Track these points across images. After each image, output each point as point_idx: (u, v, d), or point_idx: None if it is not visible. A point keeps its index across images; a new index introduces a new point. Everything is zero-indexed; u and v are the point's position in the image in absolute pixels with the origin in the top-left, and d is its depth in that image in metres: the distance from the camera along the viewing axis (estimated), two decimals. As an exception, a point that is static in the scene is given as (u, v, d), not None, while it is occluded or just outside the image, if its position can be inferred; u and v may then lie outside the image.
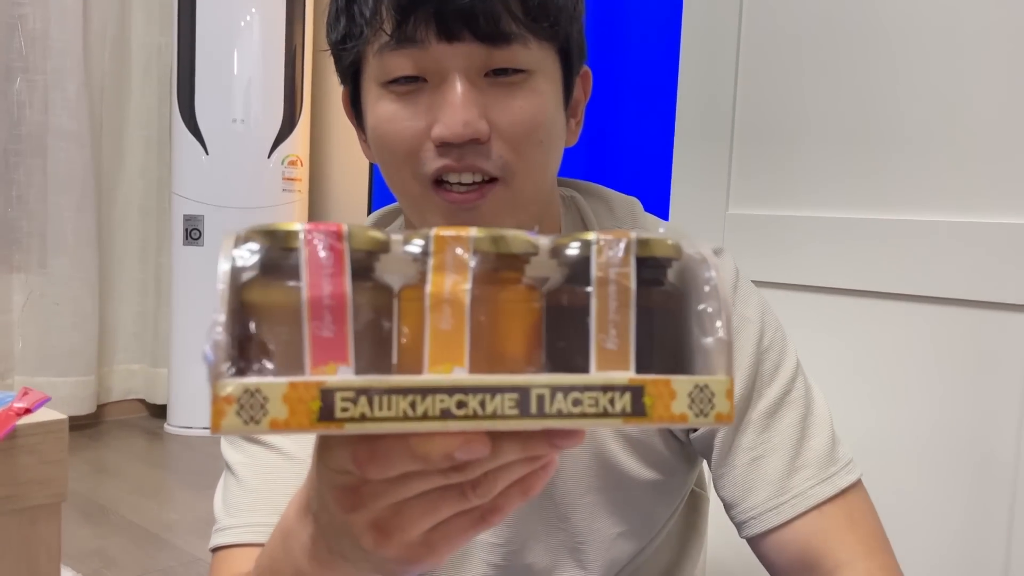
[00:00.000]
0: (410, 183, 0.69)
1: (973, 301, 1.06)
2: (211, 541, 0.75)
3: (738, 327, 0.77)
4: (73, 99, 3.29)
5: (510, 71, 0.67)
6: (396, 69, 0.67)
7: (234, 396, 0.36)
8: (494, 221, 0.68)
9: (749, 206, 1.29)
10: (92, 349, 3.41)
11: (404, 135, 0.67)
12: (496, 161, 0.67)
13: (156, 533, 2.35)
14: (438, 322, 0.38)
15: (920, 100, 1.11)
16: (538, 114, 0.68)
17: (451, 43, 0.65)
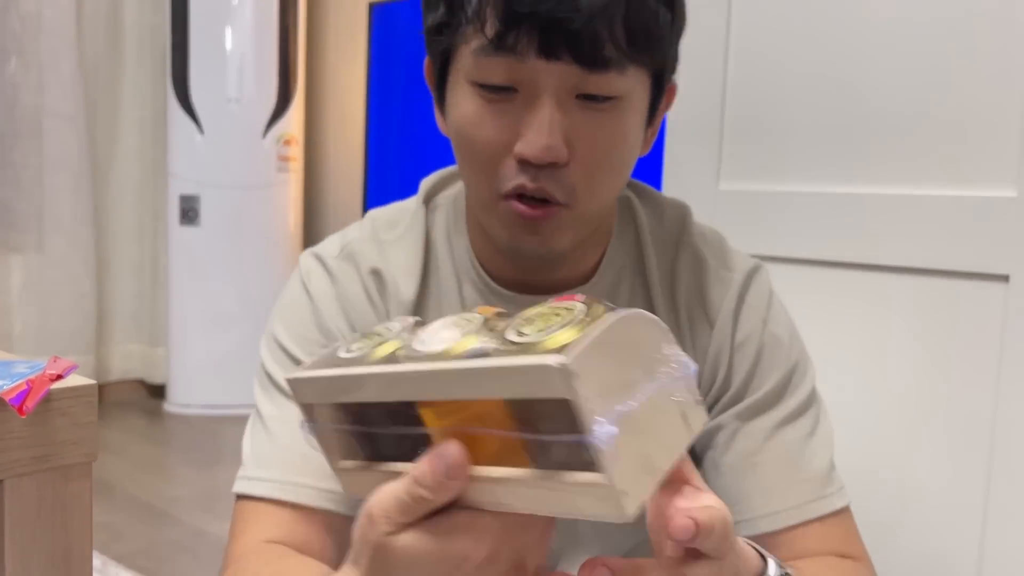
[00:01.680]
0: (484, 188, 0.70)
1: (952, 271, 1.10)
2: (237, 485, 0.76)
3: (771, 345, 0.80)
4: (67, 80, 3.29)
5: (600, 98, 0.66)
6: (490, 76, 0.66)
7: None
8: (554, 237, 0.70)
9: (739, 182, 1.33)
10: (90, 330, 3.44)
11: (488, 143, 0.68)
12: (567, 188, 0.67)
13: (162, 508, 2.39)
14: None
15: (902, 79, 1.14)
16: (619, 143, 0.69)
17: (549, 60, 0.64)
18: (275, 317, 0.83)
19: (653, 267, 0.81)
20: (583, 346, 0.38)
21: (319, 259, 0.82)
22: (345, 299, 0.80)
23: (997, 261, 1.06)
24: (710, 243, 0.84)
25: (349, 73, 3.61)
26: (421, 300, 0.80)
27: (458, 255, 0.81)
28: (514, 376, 0.39)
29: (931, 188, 1.12)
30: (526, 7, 0.62)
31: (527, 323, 0.43)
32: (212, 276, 3.39)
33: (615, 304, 0.77)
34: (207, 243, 3.38)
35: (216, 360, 3.39)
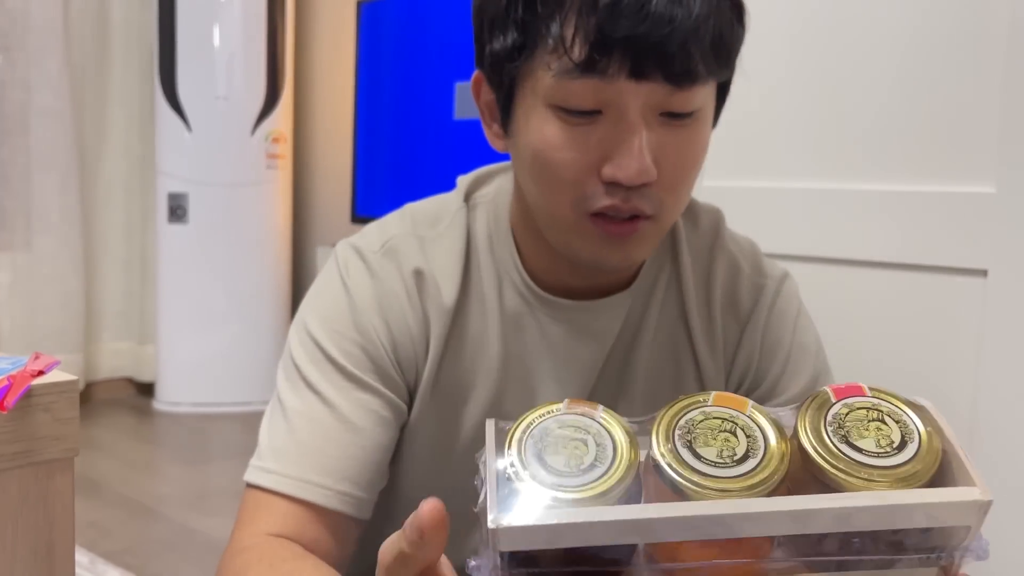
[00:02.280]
0: (566, 210, 0.69)
1: (932, 266, 1.11)
2: (249, 474, 0.75)
3: (798, 356, 0.82)
4: (55, 77, 3.29)
5: (682, 114, 0.66)
6: (576, 100, 0.65)
7: None
8: (638, 249, 0.71)
9: (723, 179, 1.34)
10: (78, 328, 3.43)
11: (572, 167, 0.67)
12: (654, 202, 0.68)
13: (149, 506, 2.39)
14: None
15: (883, 77, 1.15)
16: (698, 155, 0.70)
17: (640, 82, 0.64)
18: (309, 309, 0.81)
19: (688, 272, 0.82)
20: (978, 472, 0.40)
21: (359, 253, 0.81)
22: (384, 299, 0.78)
23: (976, 256, 1.08)
24: (744, 249, 0.86)
25: (337, 71, 3.62)
26: (461, 303, 0.79)
27: (499, 257, 0.80)
28: (921, 511, 0.40)
29: (911, 184, 1.13)
30: (620, 31, 0.62)
31: (853, 430, 0.42)
32: (201, 274, 3.39)
33: (648, 311, 0.79)
34: (196, 241, 3.38)
35: (205, 358, 3.39)
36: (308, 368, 0.77)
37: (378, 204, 3.34)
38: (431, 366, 0.78)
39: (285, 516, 0.73)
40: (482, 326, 0.79)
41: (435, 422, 0.80)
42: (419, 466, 0.81)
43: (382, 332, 0.77)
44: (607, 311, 0.79)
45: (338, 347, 0.77)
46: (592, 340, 0.79)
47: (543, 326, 0.79)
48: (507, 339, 0.79)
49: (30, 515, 0.59)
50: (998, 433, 1.07)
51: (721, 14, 0.65)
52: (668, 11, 0.61)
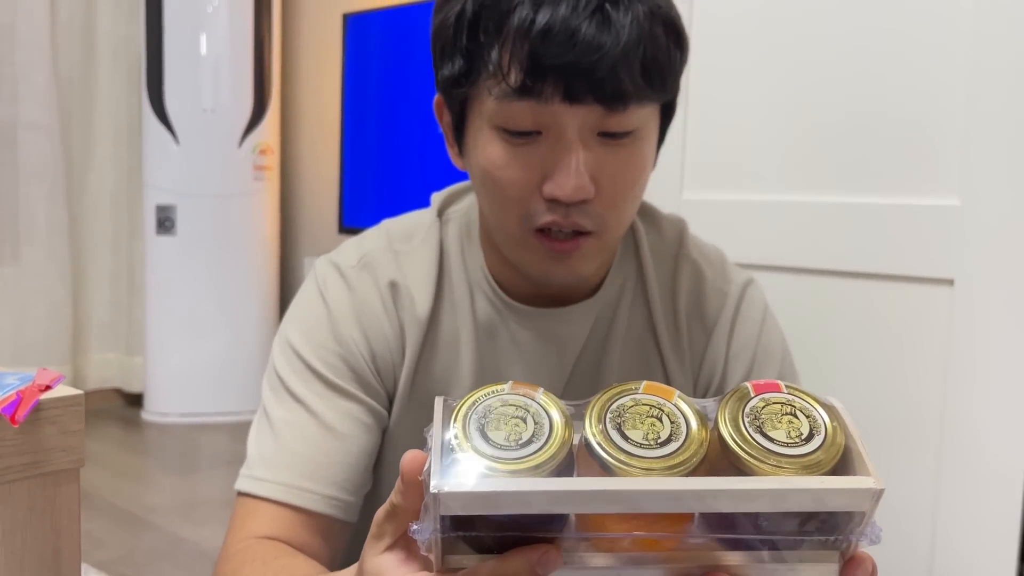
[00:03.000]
0: (512, 226, 0.73)
1: (901, 276, 1.15)
2: (240, 483, 0.79)
3: (763, 361, 0.85)
4: (42, 90, 3.30)
5: (620, 134, 0.70)
6: (515, 122, 0.69)
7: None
8: (582, 264, 0.74)
9: (701, 191, 1.38)
10: (66, 339, 3.44)
11: (515, 184, 0.70)
12: (594, 218, 0.71)
13: (140, 516, 2.41)
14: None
15: (852, 95, 1.20)
16: (638, 172, 0.73)
17: (573, 105, 0.67)
18: (290, 322, 0.85)
19: (653, 280, 0.85)
20: (873, 464, 0.44)
21: (337, 268, 0.84)
22: (361, 310, 0.82)
23: (942, 266, 1.12)
24: (708, 256, 0.89)
25: (324, 82, 3.64)
26: (435, 313, 0.83)
27: (471, 268, 0.84)
28: (824, 496, 0.43)
29: (880, 197, 1.17)
30: (552, 58, 0.65)
31: (767, 422, 0.46)
32: (189, 285, 3.40)
33: (616, 319, 0.82)
34: (183, 252, 3.39)
35: (193, 368, 3.41)
36: (291, 379, 0.81)
37: (365, 215, 3.37)
38: (408, 373, 0.82)
39: (276, 521, 0.76)
40: (455, 334, 0.83)
41: (413, 427, 0.83)
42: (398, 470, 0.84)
43: (360, 342, 0.81)
44: (573, 318, 0.83)
45: (319, 358, 0.80)
46: (560, 346, 0.83)
47: (513, 333, 0.83)
48: (480, 346, 0.83)
49: (38, 524, 0.62)
50: (966, 437, 1.11)
51: (654, 39, 0.68)
52: (596, 38, 0.65)
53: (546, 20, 0.65)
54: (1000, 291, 1.07)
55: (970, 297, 1.09)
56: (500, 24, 0.67)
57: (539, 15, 0.65)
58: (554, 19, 0.65)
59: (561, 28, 0.65)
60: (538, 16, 0.65)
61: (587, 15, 0.65)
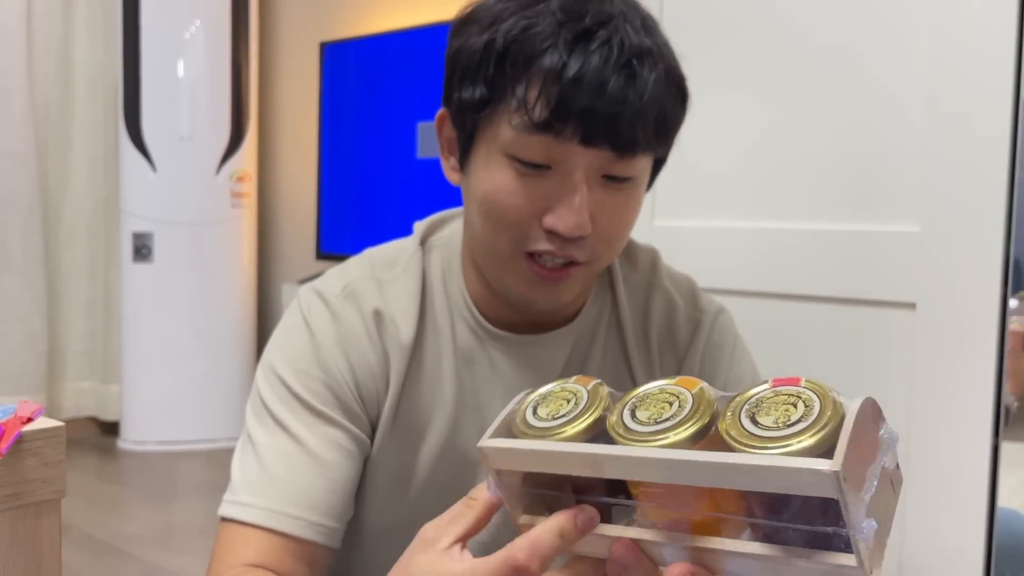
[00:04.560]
0: (504, 246, 0.76)
1: (864, 300, 1.19)
2: (225, 508, 0.79)
3: (734, 385, 0.87)
4: (18, 119, 3.30)
5: (622, 179, 0.74)
6: (530, 154, 0.72)
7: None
8: (567, 291, 0.78)
9: (671, 219, 1.41)
10: (41, 368, 3.42)
11: (518, 212, 0.74)
12: (587, 251, 0.75)
13: (117, 546, 2.39)
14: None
15: (815, 124, 1.23)
16: (631, 215, 0.78)
17: (588, 147, 0.71)
18: (274, 349, 0.86)
19: (626, 309, 0.88)
20: (845, 450, 0.44)
21: (321, 297, 0.86)
22: (346, 338, 0.83)
23: (904, 290, 1.15)
24: (680, 286, 0.92)
25: (302, 110, 3.67)
26: (419, 339, 0.85)
27: (452, 295, 0.86)
28: (781, 476, 0.45)
29: (843, 224, 1.21)
30: (579, 104, 0.69)
31: (758, 410, 0.49)
32: (166, 312, 3.40)
33: (592, 347, 0.85)
34: (161, 280, 3.39)
35: (170, 396, 3.39)
36: (276, 406, 0.82)
37: (342, 241, 3.38)
38: (391, 400, 0.83)
39: (261, 547, 0.77)
40: (437, 361, 0.85)
41: (395, 454, 0.85)
42: (381, 497, 0.86)
43: (345, 370, 0.83)
44: (550, 344, 0.85)
45: (304, 385, 0.82)
46: (537, 372, 0.85)
47: (493, 360, 0.85)
48: (460, 373, 0.85)
49: (20, 554, 0.63)
50: (930, 459, 1.14)
51: (667, 97, 0.73)
52: (623, 92, 0.69)
53: (578, 67, 0.69)
54: (961, 314, 1.11)
55: (932, 320, 1.13)
56: (530, 62, 0.71)
57: (571, 60, 0.70)
58: (586, 68, 0.69)
59: (592, 78, 0.69)
60: (571, 62, 0.70)
61: (616, 69, 0.70)
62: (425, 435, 0.85)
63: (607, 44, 0.70)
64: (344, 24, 3.43)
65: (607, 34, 0.70)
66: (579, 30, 0.70)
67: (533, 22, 0.71)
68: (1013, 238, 1.08)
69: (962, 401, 1.11)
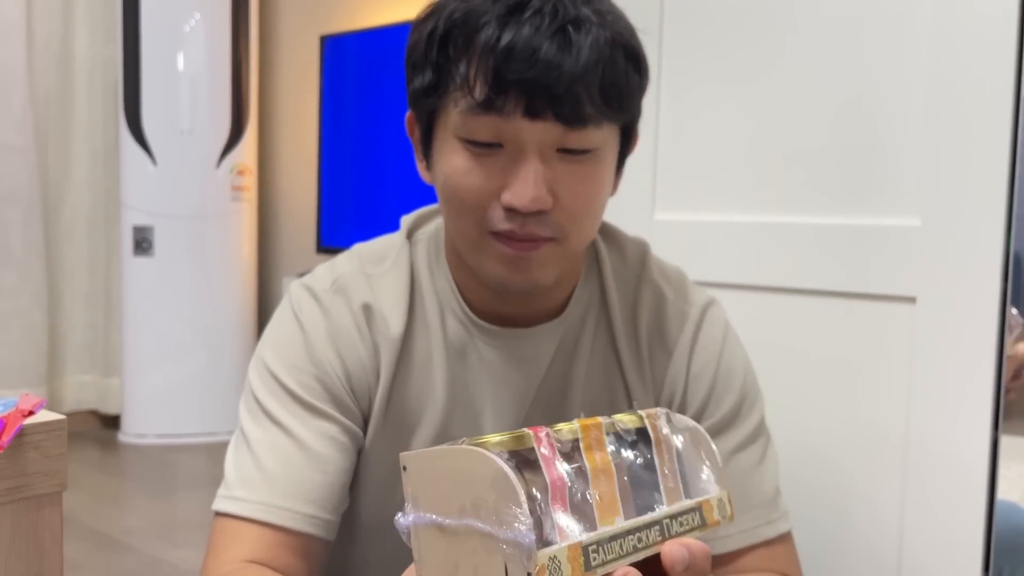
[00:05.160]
0: (471, 230, 0.76)
1: (865, 294, 1.19)
2: (219, 503, 0.80)
3: (724, 380, 0.87)
4: (18, 113, 3.30)
5: (578, 151, 0.73)
6: (478, 133, 0.73)
7: (545, 564, 0.48)
8: (541, 270, 0.77)
9: (672, 212, 1.41)
10: (42, 361, 3.43)
11: (475, 192, 0.74)
12: (553, 228, 0.75)
13: (117, 538, 2.40)
14: (598, 486, 0.53)
15: (817, 117, 1.23)
16: (596, 189, 0.76)
17: (533, 120, 0.71)
18: (266, 346, 0.86)
19: (615, 302, 0.88)
20: (424, 451, 0.50)
21: (311, 291, 0.86)
22: (336, 332, 0.84)
23: (904, 284, 1.15)
24: (670, 278, 0.91)
25: (302, 103, 3.66)
26: (408, 333, 0.85)
27: (440, 288, 0.86)
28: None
29: (844, 217, 1.21)
30: (514, 74, 0.70)
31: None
32: (166, 306, 3.40)
33: (580, 341, 0.85)
34: (161, 273, 3.39)
35: (171, 390, 3.40)
36: (268, 401, 0.82)
37: (343, 235, 3.38)
38: (382, 393, 0.84)
39: (257, 541, 0.77)
40: (428, 354, 0.85)
41: (388, 447, 0.85)
42: (374, 490, 0.86)
43: (336, 363, 0.83)
44: (538, 338, 0.85)
45: (295, 379, 0.82)
46: (526, 366, 0.85)
47: (482, 353, 0.85)
48: (452, 366, 0.85)
49: (21, 547, 0.64)
50: (930, 454, 1.14)
51: (613, 63, 0.72)
52: (556, 58, 0.69)
53: (510, 38, 0.70)
54: (961, 308, 1.11)
55: (932, 314, 1.12)
56: (469, 41, 0.72)
57: (504, 34, 0.70)
58: (517, 38, 0.69)
59: (524, 47, 0.69)
60: (503, 35, 0.70)
61: (549, 35, 0.70)
62: (417, 428, 0.85)
63: (539, 13, 0.70)
64: (344, 17, 3.42)
65: (540, 3, 0.70)
66: (512, 3, 0.71)
67: (472, 3, 0.72)
68: (1014, 232, 1.08)
69: (962, 395, 1.11)
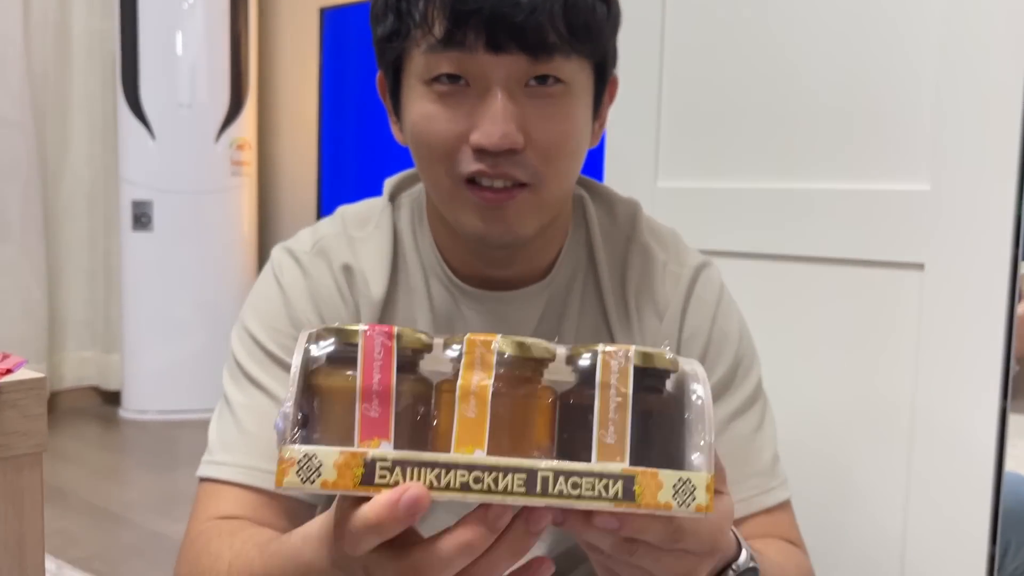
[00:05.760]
0: (443, 179, 0.74)
1: (872, 261, 1.16)
2: (202, 469, 0.79)
3: (718, 344, 0.84)
4: (15, 87, 3.27)
5: (550, 80, 0.70)
6: (439, 68, 0.70)
7: (295, 459, 0.44)
8: (518, 220, 0.74)
9: (676, 179, 1.38)
10: (42, 337, 3.42)
11: (442, 136, 0.71)
12: (528, 169, 0.71)
13: (116, 512, 2.39)
14: (465, 411, 0.46)
15: (824, 81, 1.20)
16: (571, 129, 0.73)
17: (497, 54, 0.69)
18: (247, 308, 0.85)
19: (604, 263, 0.84)
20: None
21: (291, 253, 0.85)
22: (316, 293, 0.82)
23: (913, 251, 1.12)
24: (662, 239, 0.88)
25: (301, 77, 3.63)
26: (390, 297, 0.83)
27: (424, 251, 0.84)
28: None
29: (852, 183, 1.18)
30: (471, 5, 0.67)
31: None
32: (166, 281, 3.38)
33: (568, 304, 0.82)
34: (161, 248, 3.37)
35: (171, 365, 3.39)
36: (249, 364, 0.81)
37: (343, 209, 3.36)
38: None
39: (237, 502, 0.76)
40: (411, 318, 0.83)
41: None
42: None
43: (316, 324, 0.81)
44: (524, 301, 0.83)
45: (275, 341, 0.81)
46: (510, 330, 0.82)
47: (466, 318, 0.83)
48: (436, 330, 0.82)
49: (1, 508, 0.62)
50: (937, 422, 1.12)
51: None
52: None
53: None
54: (970, 275, 1.08)
55: (940, 281, 1.10)
56: None
57: None
58: None
59: None
60: None
61: None
62: None
63: None
64: (344, -11, 3.38)
65: None
66: None
67: None
68: (1025, 197, 1.06)
69: (970, 364, 1.09)
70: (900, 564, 1.15)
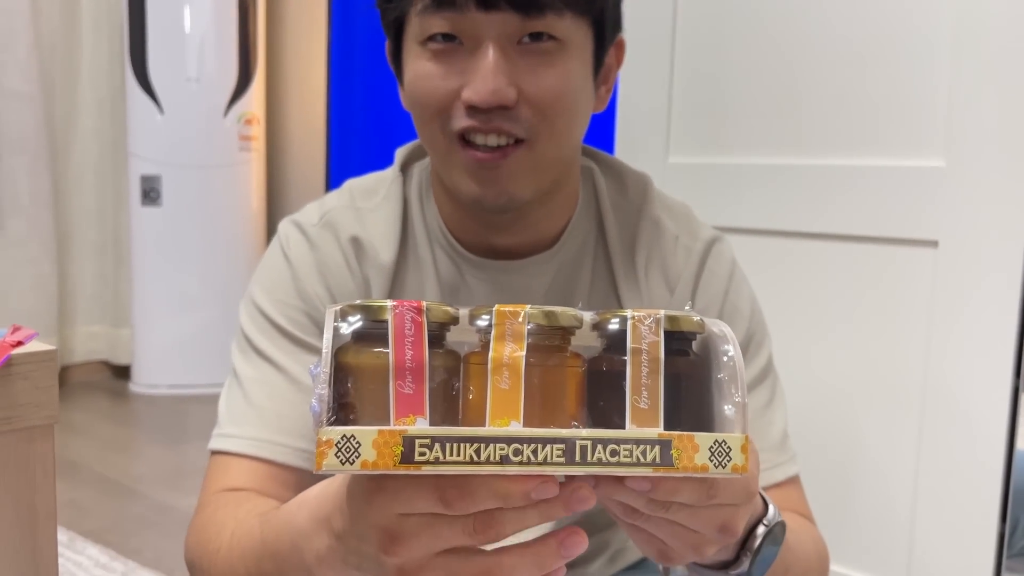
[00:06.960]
0: (438, 137, 0.74)
1: (886, 238, 1.15)
2: (212, 442, 0.80)
3: (730, 318, 0.83)
4: (23, 60, 3.26)
5: (544, 36, 0.71)
6: (433, 27, 0.71)
7: (333, 440, 0.44)
8: (513, 181, 0.73)
9: (687, 155, 1.37)
10: (52, 311, 3.42)
11: (436, 93, 0.72)
12: (522, 123, 0.72)
13: (127, 485, 2.41)
14: (498, 383, 0.46)
15: (838, 56, 1.19)
16: (566, 84, 0.73)
17: (488, 12, 0.69)
18: (255, 282, 0.86)
19: (614, 236, 0.84)
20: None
21: (299, 226, 0.85)
22: (324, 266, 0.82)
23: (927, 228, 1.12)
24: (674, 213, 0.87)
25: (310, 51, 3.61)
26: (400, 265, 0.83)
27: (429, 221, 0.84)
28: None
29: (865, 159, 1.17)
30: None
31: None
32: (175, 256, 3.39)
33: (578, 278, 0.81)
34: (169, 223, 3.37)
35: (181, 340, 3.40)
36: (257, 338, 0.82)
37: (352, 185, 3.35)
38: None
39: (247, 474, 0.77)
40: (420, 289, 0.83)
41: None
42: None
43: (324, 297, 0.82)
44: (529, 271, 0.82)
45: (283, 315, 0.81)
46: (517, 300, 0.82)
47: (472, 288, 0.83)
48: (443, 300, 0.83)
49: (13, 480, 0.62)
50: (949, 398, 1.12)
51: None
52: None
53: None
54: (984, 253, 1.07)
55: (954, 258, 1.09)
56: None
57: None
58: None
59: None
60: None
61: None
62: None
63: None
64: (353, -38, 3.35)
65: None
66: None
67: None
68: (1042, 173, 1.05)
69: (983, 341, 1.08)
70: (910, 540, 1.15)
